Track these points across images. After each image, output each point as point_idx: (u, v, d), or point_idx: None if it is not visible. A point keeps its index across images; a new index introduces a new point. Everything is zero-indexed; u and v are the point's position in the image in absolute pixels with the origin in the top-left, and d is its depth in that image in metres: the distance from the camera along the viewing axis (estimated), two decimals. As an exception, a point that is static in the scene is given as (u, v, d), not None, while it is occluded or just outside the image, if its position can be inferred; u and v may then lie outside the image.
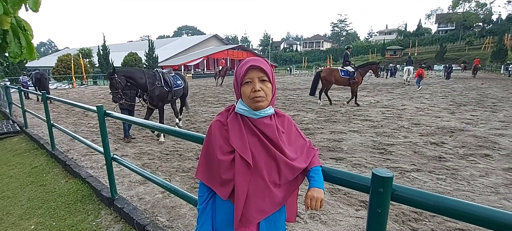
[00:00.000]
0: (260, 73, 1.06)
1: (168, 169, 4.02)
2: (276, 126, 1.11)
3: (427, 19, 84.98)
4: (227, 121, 1.12)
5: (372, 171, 0.97)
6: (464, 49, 50.45)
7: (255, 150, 1.07)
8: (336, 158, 4.44)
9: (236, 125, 1.10)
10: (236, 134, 1.08)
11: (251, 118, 1.10)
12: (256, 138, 1.08)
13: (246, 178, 1.06)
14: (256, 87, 1.04)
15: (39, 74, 11.77)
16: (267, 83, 1.07)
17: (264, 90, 1.06)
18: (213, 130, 1.13)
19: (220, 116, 1.17)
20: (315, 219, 2.67)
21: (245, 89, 1.07)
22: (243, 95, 1.08)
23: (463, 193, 3.23)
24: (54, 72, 24.82)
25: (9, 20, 1.98)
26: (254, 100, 1.05)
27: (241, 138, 1.07)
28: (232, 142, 1.07)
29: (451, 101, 10.30)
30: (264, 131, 1.09)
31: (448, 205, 0.90)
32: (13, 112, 8.74)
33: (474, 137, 5.41)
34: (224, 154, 1.08)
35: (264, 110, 1.09)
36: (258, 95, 1.05)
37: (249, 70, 1.06)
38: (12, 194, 3.58)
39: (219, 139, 1.10)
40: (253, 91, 1.05)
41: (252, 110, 1.08)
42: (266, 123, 1.09)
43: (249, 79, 1.06)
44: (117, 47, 48.10)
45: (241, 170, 1.05)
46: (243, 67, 1.08)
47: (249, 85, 1.06)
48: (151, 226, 2.50)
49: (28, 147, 5.62)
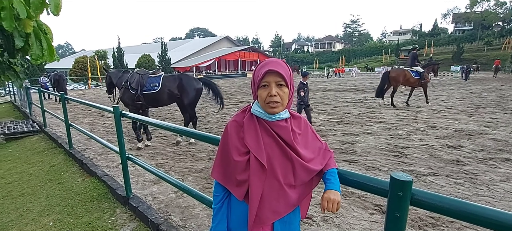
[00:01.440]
0: (277, 77, 1.05)
1: (181, 169, 4.07)
2: (291, 128, 1.11)
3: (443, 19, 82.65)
4: (243, 121, 1.13)
5: (391, 174, 0.95)
6: (482, 49, 48.74)
7: (270, 152, 1.07)
8: (349, 160, 4.37)
9: (251, 126, 1.10)
10: (251, 135, 1.09)
11: (266, 120, 1.10)
12: (272, 139, 1.08)
13: (261, 179, 1.06)
14: (272, 92, 1.04)
15: (57, 76, 12.20)
16: (284, 88, 1.06)
17: (280, 95, 1.05)
18: (229, 130, 1.14)
19: (236, 116, 1.18)
20: (328, 222, 2.64)
21: (262, 92, 1.07)
22: (259, 98, 1.08)
23: (482, 199, 3.11)
24: (71, 74, 25.70)
25: (32, 24, 2.06)
26: (269, 106, 1.05)
27: (256, 139, 1.08)
28: (247, 142, 1.07)
29: (469, 103, 9.96)
30: (279, 133, 1.08)
31: (470, 210, 0.87)
32: (33, 112, 9.07)
33: (494, 141, 5.21)
34: (239, 154, 1.08)
35: (279, 114, 1.09)
36: (273, 101, 1.04)
37: (267, 74, 1.05)
38: (32, 191, 3.71)
39: (235, 139, 1.11)
40: (269, 96, 1.04)
41: (267, 113, 1.08)
42: (282, 125, 1.09)
43: (266, 82, 1.06)
44: (131, 49, 49.23)
45: (255, 171, 1.05)
46: (261, 69, 1.07)
47: (265, 89, 1.06)
48: (165, 225, 2.53)
49: (46, 146, 5.82)
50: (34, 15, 2.05)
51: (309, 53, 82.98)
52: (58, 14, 2.16)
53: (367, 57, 66.19)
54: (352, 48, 77.17)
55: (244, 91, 17.03)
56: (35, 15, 2.08)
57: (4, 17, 1.80)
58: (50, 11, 2.07)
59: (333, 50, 79.37)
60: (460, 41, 54.07)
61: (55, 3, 2.02)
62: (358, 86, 18.91)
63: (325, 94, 14.45)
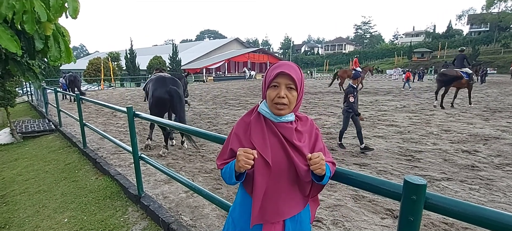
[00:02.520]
0: (288, 80, 1.07)
1: (191, 169, 4.11)
2: (296, 129, 1.13)
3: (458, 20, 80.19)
4: (251, 119, 1.16)
5: (404, 177, 0.95)
6: (499, 51, 47.29)
7: (275, 151, 1.09)
8: (360, 164, 4.32)
9: (258, 124, 1.13)
10: (257, 133, 1.12)
11: (272, 120, 1.12)
12: (277, 139, 1.11)
13: (265, 176, 1.09)
14: (281, 93, 1.06)
15: (72, 77, 12.56)
16: (293, 91, 1.09)
17: (288, 98, 1.07)
18: (237, 127, 1.18)
19: (244, 116, 1.21)
20: (339, 226, 2.62)
21: (271, 92, 1.09)
22: (267, 97, 1.11)
23: (499, 205, 3.02)
24: (85, 75, 26.35)
25: (51, 27, 2.14)
26: (276, 107, 1.08)
27: (262, 137, 1.11)
28: (253, 140, 1.10)
29: (485, 107, 9.68)
30: (284, 134, 1.10)
31: (486, 215, 0.85)
32: (49, 112, 9.35)
33: (511, 146, 5.05)
34: None
35: (284, 117, 1.11)
36: (281, 102, 1.06)
37: (279, 75, 1.07)
38: (48, 188, 3.83)
39: (241, 136, 1.14)
40: (278, 97, 1.06)
41: (273, 114, 1.11)
42: (286, 126, 1.12)
43: (276, 83, 1.08)
44: (143, 51, 50.12)
45: (260, 168, 1.08)
46: (274, 70, 1.09)
47: (275, 90, 1.08)
48: (176, 225, 2.57)
49: (62, 145, 5.99)
50: (54, 18, 2.13)
51: (319, 55, 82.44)
52: (76, 17, 2.24)
53: (379, 59, 65.19)
54: (363, 50, 76.21)
55: (254, 93, 17.06)
56: (55, 18, 2.16)
57: (26, 20, 1.87)
58: (69, 14, 2.14)
59: (343, 52, 78.58)
60: (475, 43, 52.57)
61: (74, 7, 2.09)
62: (369, 89, 18.64)
63: (335, 96, 14.32)
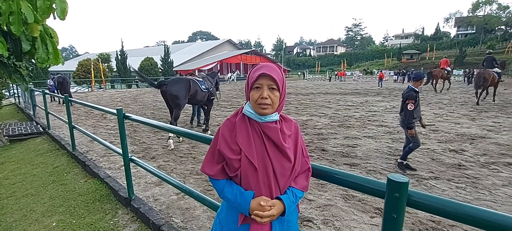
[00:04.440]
0: (270, 81, 1.10)
1: (182, 171, 4.09)
2: (281, 129, 1.15)
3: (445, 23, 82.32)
4: (236, 121, 1.18)
5: (388, 176, 0.97)
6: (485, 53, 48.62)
7: (260, 151, 1.12)
8: (350, 164, 4.38)
9: (243, 126, 1.15)
10: (243, 134, 1.14)
11: (256, 121, 1.14)
12: (261, 140, 1.13)
13: (252, 178, 1.11)
14: (264, 94, 1.08)
15: (61, 78, 12.32)
16: (275, 92, 1.11)
17: (271, 98, 1.10)
18: (222, 130, 1.19)
19: (230, 117, 1.23)
20: (329, 225, 2.65)
21: (254, 94, 1.11)
22: (251, 99, 1.13)
23: (484, 203, 3.11)
24: (75, 76, 25.90)
25: (39, 28, 2.11)
26: (259, 107, 1.10)
27: (247, 138, 1.13)
28: (239, 141, 1.12)
29: (472, 107, 9.93)
30: (268, 134, 1.13)
31: (467, 212, 0.89)
32: (37, 114, 9.15)
33: (496, 145, 5.20)
34: (233, 153, 1.13)
35: (269, 116, 1.13)
36: (264, 103, 1.09)
37: (260, 77, 1.10)
38: (35, 192, 3.75)
39: (227, 138, 1.16)
40: (260, 98, 1.09)
41: (257, 114, 1.13)
42: (271, 126, 1.13)
43: (258, 84, 1.11)
44: (134, 52, 49.51)
45: (247, 170, 1.11)
46: (255, 72, 1.12)
47: (257, 91, 1.11)
48: (166, 227, 2.56)
49: (50, 147, 5.87)
50: (41, 19, 2.10)
51: (311, 56, 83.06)
52: (64, 18, 2.21)
53: (369, 60, 66.17)
54: (354, 52, 77.19)
55: (246, 95, 17.05)
56: (42, 19, 2.13)
57: (13, 21, 1.85)
58: (57, 15, 2.12)
59: (335, 53, 79.42)
60: (462, 45, 53.99)
61: (62, 8, 2.07)
62: (360, 90, 18.90)
63: (327, 97, 14.46)
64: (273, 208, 1.09)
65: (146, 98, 15.62)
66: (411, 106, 3.90)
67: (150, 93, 18.88)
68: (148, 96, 16.68)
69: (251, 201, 1.10)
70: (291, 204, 1.14)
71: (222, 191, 1.18)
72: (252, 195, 1.11)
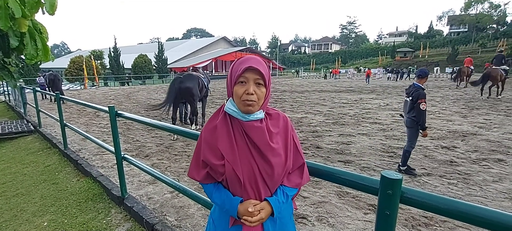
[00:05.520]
0: (257, 75, 1.01)
1: (176, 169, 4.07)
2: (267, 128, 1.07)
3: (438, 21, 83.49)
4: (217, 122, 1.09)
5: (381, 173, 0.97)
6: (477, 51, 49.25)
7: (244, 154, 1.05)
8: (345, 161, 4.40)
9: (224, 129, 1.07)
10: (224, 139, 1.05)
11: (240, 120, 1.05)
12: (245, 142, 1.06)
13: (238, 185, 1.05)
14: (250, 90, 0.99)
15: (52, 76, 12.09)
16: (262, 88, 1.02)
17: (257, 94, 1.01)
18: (204, 134, 1.11)
19: (211, 117, 1.15)
20: (323, 222, 2.66)
21: (238, 89, 1.02)
22: (234, 94, 1.03)
23: (475, 199, 3.16)
24: (67, 74, 25.51)
25: (27, 23, 2.06)
26: (245, 103, 1.00)
27: (230, 144, 1.05)
28: (221, 148, 1.04)
29: (463, 104, 10.08)
30: (252, 136, 1.04)
31: (459, 208, 0.89)
32: (28, 112, 8.99)
33: (487, 141, 5.28)
34: (217, 159, 1.06)
35: (253, 115, 1.04)
36: (250, 99, 1.00)
37: (247, 71, 1.00)
38: (26, 191, 3.68)
39: (209, 142, 1.08)
40: (246, 94, 1.00)
41: (241, 112, 1.04)
42: (256, 126, 1.04)
43: (244, 79, 1.01)
44: (127, 49, 49.00)
45: (232, 178, 1.05)
46: (240, 65, 1.02)
47: (243, 86, 1.01)
48: (160, 225, 2.53)
49: (41, 146, 5.77)
50: (29, 14, 2.04)
51: (306, 54, 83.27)
52: (53, 13, 2.16)
53: (363, 58, 66.61)
54: (348, 50, 77.57)
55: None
56: (30, 15, 2.07)
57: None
58: (46, 10, 2.06)
59: (329, 51, 79.72)
60: (454, 43, 54.65)
61: (51, 3, 2.02)
62: (354, 88, 19.02)
63: (321, 95, 14.52)
64: (262, 211, 1.04)
65: (140, 96, 15.47)
66: (424, 105, 3.71)
67: (144, 91, 18.71)
68: (142, 94, 16.52)
69: (239, 206, 1.05)
70: (280, 205, 1.08)
71: (211, 195, 1.13)
72: (239, 200, 1.06)
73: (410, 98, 3.87)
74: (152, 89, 20.02)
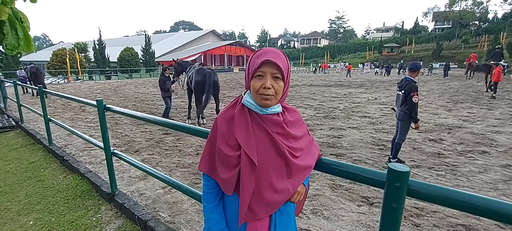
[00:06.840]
0: (274, 69, 0.98)
1: (168, 164, 3.99)
2: (283, 122, 1.06)
3: (424, 17, 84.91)
4: (235, 112, 1.06)
5: (389, 165, 0.96)
6: (460, 47, 50.73)
7: (262, 147, 1.02)
8: (336, 154, 4.44)
9: (242, 119, 1.04)
10: (242, 129, 1.03)
11: (257, 113, 1.04)
12: (264, 133, 1.03)
13: (252, 175, 1.01)
14: (266, 84, 0.97)
15: (34, 69, 11.58)
16: (279, 81, 1.00)
17: (275, 88, 0.98)
18: (219, 123, 1.08)
19: (227, 108, 1.12)
20: (318, 215, 2.67)
21: (255, 83, 0.99)
22: (252, 88, 1.01)
23: (463, 189, 3.25)
24: (49, 67, 24.51)
25: (7, 11, 1.92)
26: (262, 97, 0.99)
27: (247, 133, 1.02)
28: (238, 137, 1.02)
29: (448, 98, 10.37)
30: (271, 128, 1.03)
31: (465, 200, 0.89)
32: (8, 107, 8.61)
33: (471, 134, 5.45)
34: (231, 149, 1.03)
35: (271, 108, 1.02)
36: (267, 93, 0.98)
37: (264, 64, 0.98)
38: (10, 189, 3.52)
39: (225, 133, 1.05)
40: (263, 88, 0.97)
41: (258, 106, 1.02)
42: (274, 119, 1.03)
43: (261, 73, 0.98)
44: (113, 42, 47.66)
45: (247, 166, 1.01)
46: (258, 58, 1.00)
47: (260, 80, 0.98)
48: (153, 222, 2.47)
49: (24, 142, 5.54)
50: (9, 1, 1.92)
51: (295, 48, 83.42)
52: (35, 1, 2.04)
53: (352, 53, 67.35)
54: (337, 45, 78.24)
55: (231, 86, 16.91)
56: (11, 2, 1.95)
57: (-23, 2, 1.67)
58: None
59: (318, 46, 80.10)
60: (439, 39, 56.08)
61: (33, -11, 1.90)
62: (343, 82, 19.23)
63: (311, 89, 14.60)
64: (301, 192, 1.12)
65: (127, 90, 15.10)
66: (416, 98, 3.83)
67: (131, 84, 18.27)
68: (129, 88, 16.13)
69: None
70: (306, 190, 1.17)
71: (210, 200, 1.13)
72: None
73: (403, 91, 3.96)
74: (139, 83, 19.56)
